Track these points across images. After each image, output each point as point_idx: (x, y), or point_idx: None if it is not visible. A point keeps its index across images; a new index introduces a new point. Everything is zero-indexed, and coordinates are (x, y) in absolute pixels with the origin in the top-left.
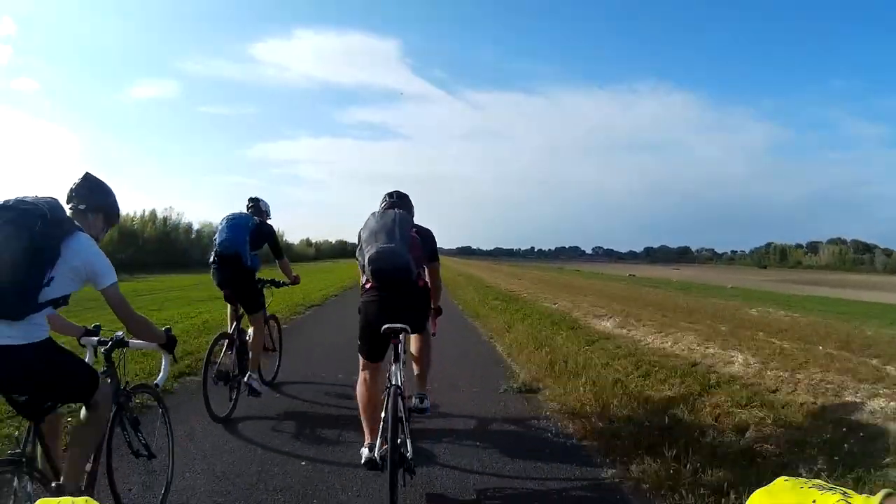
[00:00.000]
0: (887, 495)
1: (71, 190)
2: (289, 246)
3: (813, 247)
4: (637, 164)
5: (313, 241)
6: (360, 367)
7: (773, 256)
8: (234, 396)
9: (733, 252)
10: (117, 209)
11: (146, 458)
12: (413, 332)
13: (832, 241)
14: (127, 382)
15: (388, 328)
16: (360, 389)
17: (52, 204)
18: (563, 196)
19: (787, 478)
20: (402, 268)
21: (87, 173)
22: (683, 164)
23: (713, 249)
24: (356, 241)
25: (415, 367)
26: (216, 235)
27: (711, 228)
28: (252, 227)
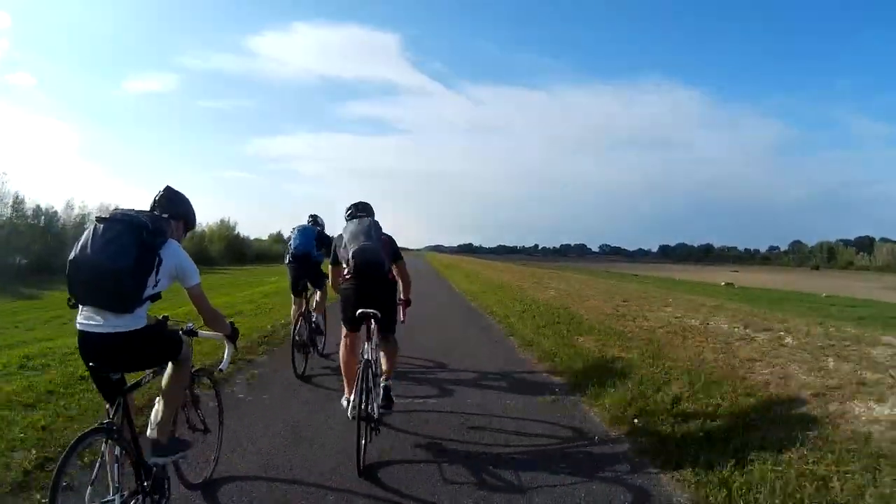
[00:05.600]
0: None
1: (154, 200)
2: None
3: (866, 246)
4: (639, 161)
5: (286, 236)
6: (343, 335)
7: (821, 256)
8: (307, 359)
9: (747, 250)
10: (194, 216)
11: (202, 433)
12: (384, 331)
13: (860, 239)
14: (192, 366)
15: (361, 312)
16: (342, 352)
17: (153, 217)
18: (565, 193)
19: None
20: (378, 262)
21: (167, 186)
22: (686, 161)
23: (736, 247)
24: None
25: (384, 364)
26: (290, 242)
27: (717, 226)
28: (315, 234)
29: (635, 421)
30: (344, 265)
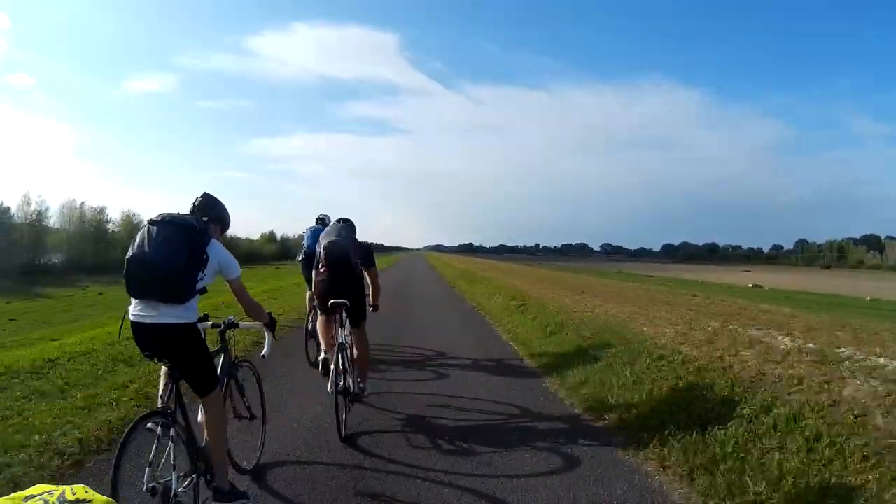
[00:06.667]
0: None
1: (194, 205)
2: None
3: (873, 244)
4: (640, 160)
5: (279, 235)
6: (319, 313)
7: (831, 255)
8: (318, 348)
9: (751, 248)
10: (229, 219)
11: (247, 420)
12: (353, 325)
13: (866, 238)
14: (235, 356)
15: (333, 303)
16: (319, 323)
17: (199, 219)
18: (565, 192)
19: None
20: (345, 254)
21: (205, 193)
22: (686, 160)
23: (740, 246)
24: None
25: (356, 351)
26: (303, 241)
27: (718, 225)
28: None
29: None
30: (318, 260)
